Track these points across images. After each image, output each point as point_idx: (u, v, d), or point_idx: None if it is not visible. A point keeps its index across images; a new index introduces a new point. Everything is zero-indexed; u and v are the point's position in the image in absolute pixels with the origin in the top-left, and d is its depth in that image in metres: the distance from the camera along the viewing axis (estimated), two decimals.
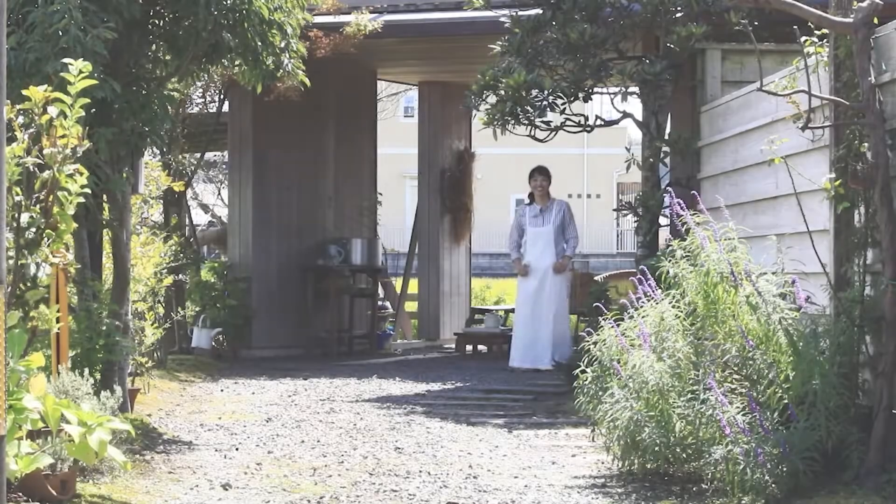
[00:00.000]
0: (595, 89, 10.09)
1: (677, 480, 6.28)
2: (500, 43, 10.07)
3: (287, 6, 8.23)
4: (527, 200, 11.82)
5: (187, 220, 13.17)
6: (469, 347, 13.65)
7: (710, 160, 9.10)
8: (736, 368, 6.29)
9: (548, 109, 10.08)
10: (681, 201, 6.50)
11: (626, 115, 10.03)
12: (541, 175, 11.67)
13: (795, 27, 6.17)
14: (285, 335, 13.13)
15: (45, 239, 5.28)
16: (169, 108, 7.89)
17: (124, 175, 7.62)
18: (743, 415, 5.74)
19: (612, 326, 6.74)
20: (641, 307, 6.72)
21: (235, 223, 13.20)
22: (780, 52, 8.67)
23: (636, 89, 9.85)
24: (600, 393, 6.76)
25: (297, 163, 13.44)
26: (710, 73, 9.36)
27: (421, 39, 13.12)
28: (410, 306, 16.02)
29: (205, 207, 18.60)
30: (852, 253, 6.17)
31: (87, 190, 5.36)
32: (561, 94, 9.86)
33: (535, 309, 11.36)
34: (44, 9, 7.23)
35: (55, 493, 5.51)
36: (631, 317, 6.77)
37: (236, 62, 8.48)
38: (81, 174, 5.27)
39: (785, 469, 5.53)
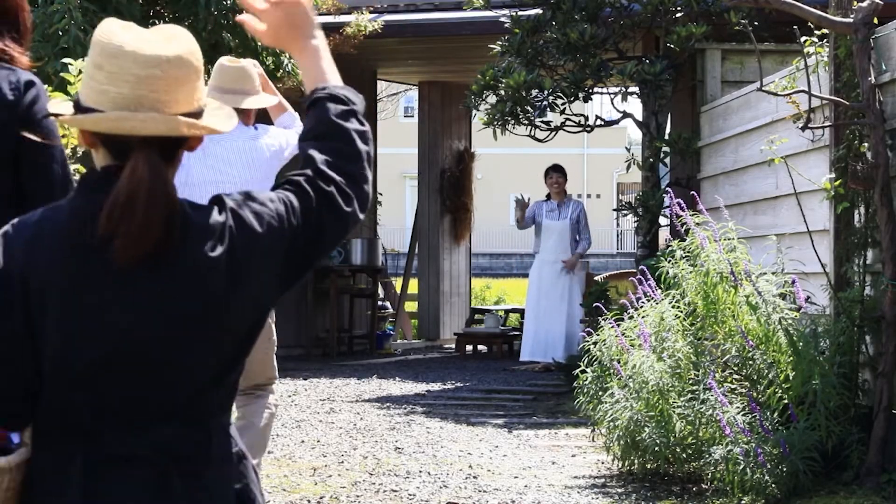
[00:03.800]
0: (595, 89, 10.10)
1: (677, 480, 6.28)
2: (500, 43, 10.08)
3: None
4: (544, 199, 11.80)
5: None
6: (469, 347, 13.65)
7: (710, 160, 9.10)
8: (736, 368, 6.29)
9: (548, 109, 10.09)
10: (681, 201, 6.51)
11: (626, 115, 10.03)
12: (556, 172, 11.69)
13: (795, 27, 6.18)
14: (285, 335, 13.05)
15: None
16: None
17: None
18: (743, 415, 5.75)
19: (612, 326, 6.74)
20: (641, 307, 6.72)
21: None
22: (780, 52, 8.68)
23: (636, 89, 9.86)
24: (600, 393, 6.76)
25: None
26: (710, 73, 9.36)
27: (421, 39, 13.12)
28: (410, 306, 16.02)
29: None
30: (852, 253, 6.17)
31: None
32: (561, 94, 9.86)
33: (548, 303, 11.33)
34: (44, 9, 7.24)
35: None
36: (631, 317, 6.77)
37: None
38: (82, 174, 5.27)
39: (785, 469, 5.53)
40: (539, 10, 10.00)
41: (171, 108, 1.96)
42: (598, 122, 10.24)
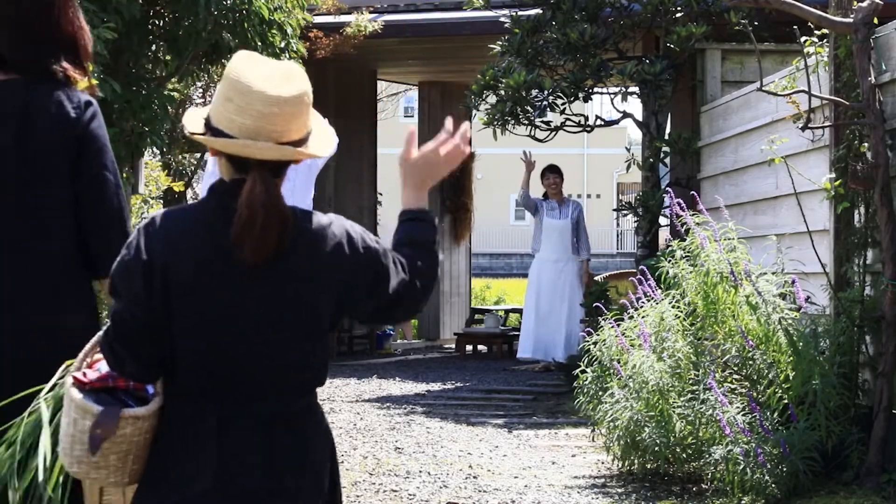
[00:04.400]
0: (595, 89, 10.09)
1: (677, 480, 6.28)
2: (500, 43, 10.07)
3: (287, 6, 8.24)
4: (541, 197, 11.79)
5: None
6: (469, 347, 13.65)
7: (710, 160, 9.10)
8: (736, 368, 6.29)
9: (548, 109, 10.08)
10: (681, 201, 6.51)
11: (626, 115, 10.03)
12: (553, 173, 11.66)
13: (795, 27, 6.18)
14: None
15: None
16: (169, 108, 7.89)
17: (124, 175, 7.62)
18: (743, 415, 5.74)
19: (612, 326, 6.74)
20: (641, 307, 6.72)
21: None
22: (780, 52, 8.68)
23: (636, 89, 9.85)
24: (600, 393, 6.76)
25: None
26: (710, 73, 9.36)
27: (421, 39, 13.11)
28: None
29: None
30: (852, 253, 6.17)
31: None
32: (561, 94, 9.86)
33: (550, 300, 11.32)
34: None
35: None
36: (631, 317, 6.77)
37: None
38: None
39: (785, 469, 5.53)
40: (539, 10, 10.00)
41: (284, 138, 2.42)
42: (598, 122, 10.24)
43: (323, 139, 2.54)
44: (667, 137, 9.86)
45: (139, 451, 2.48)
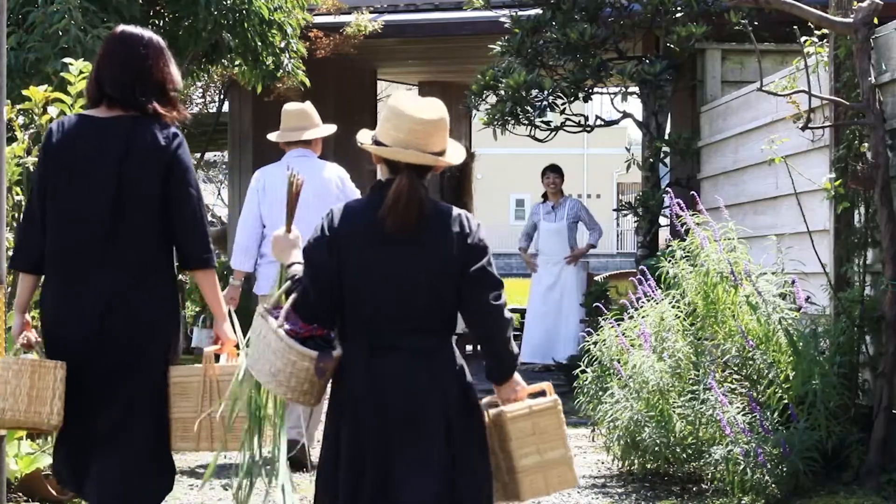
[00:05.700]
0: (595, 89, 10.09)
1: (677, 480, 6.28)
2: (500, 43, 10.07)
3: (287, 6, 8.25)
4: (540, 199, 11.78)
5: None
6: (469, 347, 13.63)
7: (710, 160, 9.10)
8: (736, 368, 6.29)
9: (548, 109, 10.08)
10: (681, 201, 6.50)
11: (626, 115, 10.02)
12: (553, 173, 11.63)
13: (795, 27, 6.17)
14: None
15: None
16: None
17: None
18: (743, 415, 5.74)
19: (613, 326, 6.73)
20: (641, 307, 6.72)
21: (235, 223, 13.17)
22: (780, 52, 8.67)
23: (636, 89, 9.85)
24: (600, 393, 6.76)
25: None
26: (710, 73, 9.35)
27: (421, 39, 13.11)
28: None
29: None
30: (852, 253, 6.17)
31: None
32: (561, 94, 9.86)
33: (551, 303, 11.29)
34: (44, 9, 7.24)
35: (55, 494, 5.51)
36: (631, 317, 6.77)
37: (236, 62, 8.50)
38: None
39: (785, 469, 5.53)
40: (539, 10, 9.99)
41: (426, 149, 3.45)
42: (598, 122, 10.23)
43: (455, 154, 3.53)
44: (667, 137, 9.86)
45: (323, 381, 3.49)
